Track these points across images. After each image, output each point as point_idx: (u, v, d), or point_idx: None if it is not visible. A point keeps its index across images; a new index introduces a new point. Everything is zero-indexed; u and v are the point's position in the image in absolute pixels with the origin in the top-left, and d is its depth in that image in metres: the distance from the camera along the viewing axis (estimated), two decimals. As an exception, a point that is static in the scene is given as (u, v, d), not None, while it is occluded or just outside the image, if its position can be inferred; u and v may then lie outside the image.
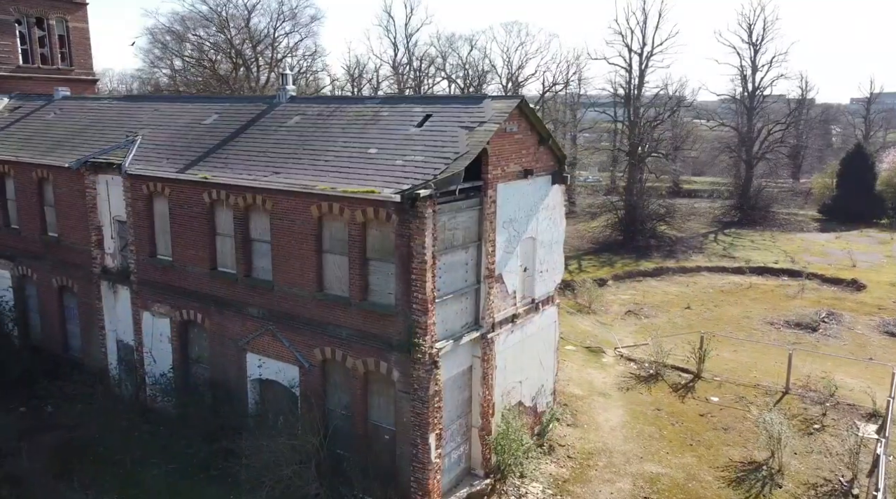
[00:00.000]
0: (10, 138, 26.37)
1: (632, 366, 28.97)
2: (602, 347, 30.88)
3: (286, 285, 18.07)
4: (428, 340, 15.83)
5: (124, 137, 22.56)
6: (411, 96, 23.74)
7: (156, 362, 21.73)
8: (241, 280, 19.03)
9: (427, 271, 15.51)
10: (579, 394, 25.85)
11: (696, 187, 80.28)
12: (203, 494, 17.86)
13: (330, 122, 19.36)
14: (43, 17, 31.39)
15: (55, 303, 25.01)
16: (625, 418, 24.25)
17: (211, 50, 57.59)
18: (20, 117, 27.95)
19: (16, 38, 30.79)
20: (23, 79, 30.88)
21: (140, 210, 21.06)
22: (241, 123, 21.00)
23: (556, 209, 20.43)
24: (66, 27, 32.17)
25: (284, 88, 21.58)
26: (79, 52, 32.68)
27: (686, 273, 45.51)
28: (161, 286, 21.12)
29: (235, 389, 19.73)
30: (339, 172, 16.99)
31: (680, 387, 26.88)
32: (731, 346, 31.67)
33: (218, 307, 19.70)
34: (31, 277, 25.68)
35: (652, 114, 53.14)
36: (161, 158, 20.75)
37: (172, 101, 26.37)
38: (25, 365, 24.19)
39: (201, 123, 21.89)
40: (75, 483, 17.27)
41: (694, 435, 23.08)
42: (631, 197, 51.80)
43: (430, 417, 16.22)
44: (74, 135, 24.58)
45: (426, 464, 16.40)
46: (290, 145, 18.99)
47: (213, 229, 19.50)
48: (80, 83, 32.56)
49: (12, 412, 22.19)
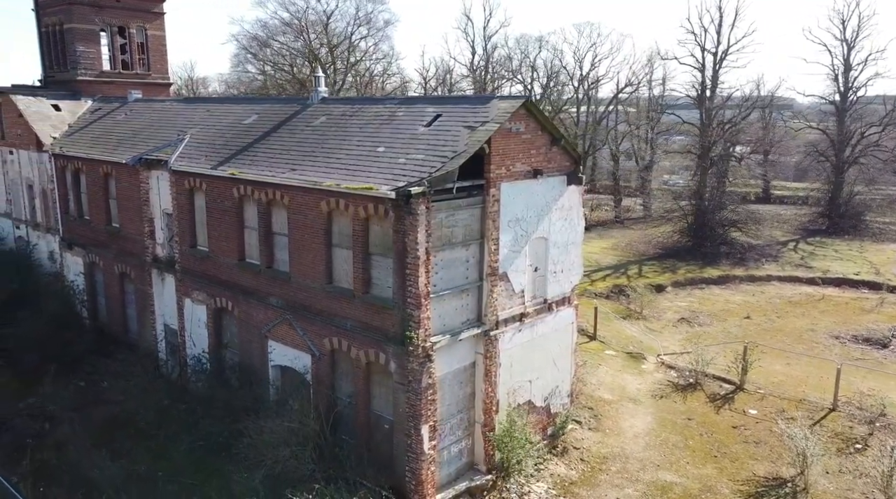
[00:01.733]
0: (87, 137, 28.93)
1: (671, 374, 28.20)
2: (644, 354, 30.19)
3: (301, 277, 19.02)
4: (421, 333, 16.28)
5: (175, 135, 24.32)
6: (428, 97, 24.24)
7: (194, 346, 23.31)
8: (264, 271, 20.17)
9: (420, 267, 15.97)
10: (609, 399, 25.48)
11: (788, 193, 76.27)
12: (220, 470, 19.03)
13: (350, 122, 20.18)
14: (125, 26, 34.14)
15: (117, 288, 27.24)
16: (651, 425, 23.73)
17: (290, 54, 60.28)
18: (98, 118, 30.59)
19: (100, 46, 33.65)
20: (105, 83, 33.70)
21: (183, 204, 22.68)
22: (274, 123, 22.21)
23: (572, 210, 20.36)
24: (145, 35, 34.83)
25: (317, 90, 22.63)
26: (156, 58, 35.29)
27: (754, 282, 43.49)
28: (199, 275, 22.66)
29: (259, 373, 20.91)
30: (348, 170, 17.74)
31: (718, 397, 25.95)
32: (785, 358, 30.18)
33: (245, 296, 20.95)
34: (98, 264, 28.09)
35: (726, 115, 51.04)
36: (202, 156, 22.26)
37: (222, 102, 28.12)
38: (88, 344, 26.49)
39: (241, 123, 23.29)
40: (104, 452, 18.83)
41: (721, 447, 22.31)
42: (702, 202, 49.97)
43: (424, 409, 16.66)
44: (137, 134, 26.70)
45: (419, 454, 16.85)
46: (311, 144, 19.95)
47: (241, 223, 20.76)
48: (155, 86, 35.15)
49: (72, 386, 24.36)
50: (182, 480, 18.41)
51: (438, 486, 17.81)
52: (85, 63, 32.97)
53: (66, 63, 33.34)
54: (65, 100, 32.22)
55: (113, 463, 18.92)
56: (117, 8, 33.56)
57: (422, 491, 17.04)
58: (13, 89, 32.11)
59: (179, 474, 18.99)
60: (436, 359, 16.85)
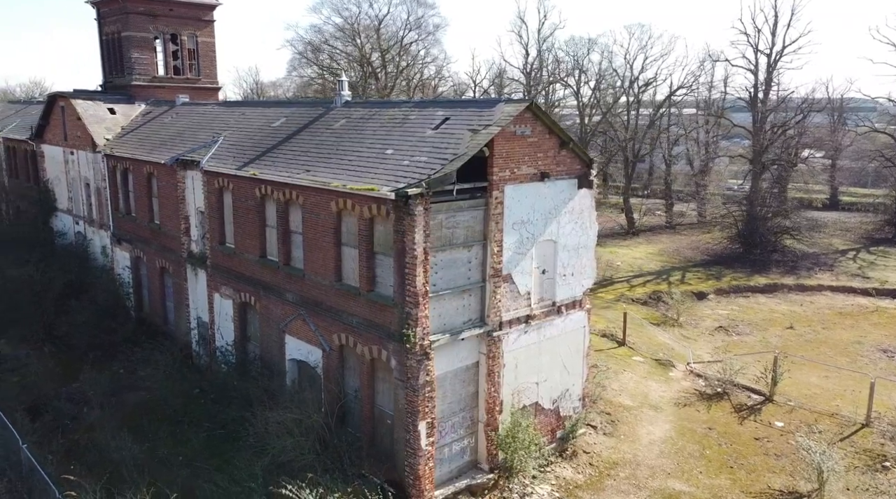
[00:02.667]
0: (136, 138, 30.65)
1: (699, 382, 27.63)
2: (673, 361, 29.66)
3: (313, 274, 19.73)
4: (419, 331, 16.67)
5: (211, 137, 25.53)
6: (439, 100, 24.58)
7: (222, 338, 24.41)
8: (282, 268, 20.99)
9: (418, 266, 16.37)
10: (628, 405, 25.21)
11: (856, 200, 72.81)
12: (233, 457, 19.90)
13: (366, 125, 20.79)
14: (177, 33, 35.93)
15: (158, 282, 28.75)
16: (669, 433, 23.38)
17: (343, 59, 61.78)
18: (148, 121, 32.33)
19: (154, 53, 35.53)
20: (158, 87, 35.53)
21: (213, 202, 23.81)
22: (299, 126, 23.06)
23: (583, 213, 20.34)
24: (196, 42, 36.54)
25: (340, 94, 23.35)
26: (205, 64, 36.97)
27: (804, 291, 41.92)
28: (226, 271, 23.73)
29: (277, 365, 21.75)
30: (357, 171, 18.32)
31: (744, 408, 25.31)
32: (823, 371, 29.11)
33: (265, 292, 21.84)
34: (142, 258, 29.70)
35: (781, 118, 49.32)
36: (231, 157, 23.33)
37: (256, 106, 29.28)
38: (130, 333, 28.06)
39: (270, 125, 24.27)
40: (125, 434, 20.00)
41: (739, 458, 21.80)
42: (753, 207, 48.47)
43: (421, 405, 17.04)
44: (178, 135, 28.13)
45: (417, 450, 17.23)
46: (328, 146, 20.65)
47: (263, 221, 21.66)
48: (204, 91, 36.81)
49: (112, 372, 25.85)
50: (197, 464, 19.37)
51: (439, 482, 18.14)
52: (139, 69, 34.87)
53: (123, 69, 35.34)
54: (120, 103, 34.17)
55: (137, 446, 20.09)
56: (171, 16, 35.36)
57: (419, 486, 17.42)
58: (74, 94, 34.28)
59: (196, 458, 19.99)
60: (435, 357, 17.19)
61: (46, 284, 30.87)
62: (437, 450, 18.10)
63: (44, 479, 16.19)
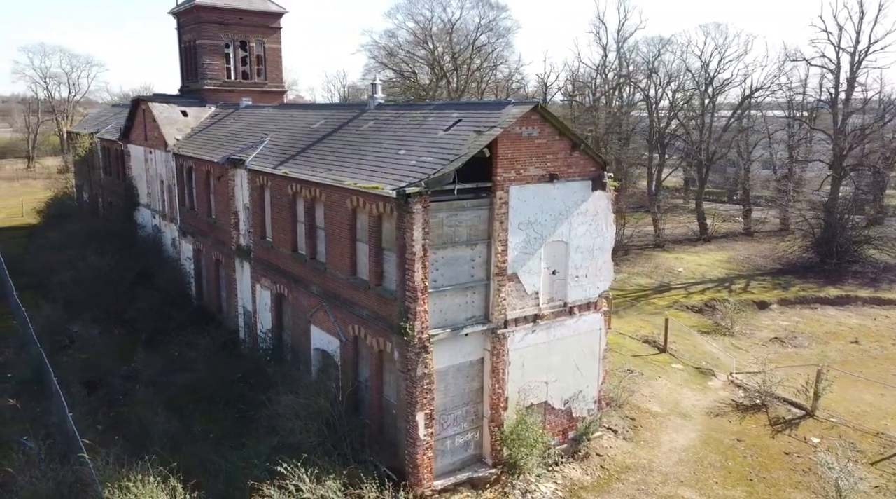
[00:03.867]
0: (201, 139, 32.93)
1: (739, 393, 26.77)
2: (714, 371, 28.83)
3: (333, 268, 20.77)
4: (417, 325, 17.32)
5: (259, 138, 27.17)
6: (456, 102, 24.97)
7: (262, 326, 25.97)
8: (308, 262, 22.19)
9: (417, 262, 17.02)
10: (657, 411, 24.82)
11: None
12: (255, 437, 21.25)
13: (389, 127, 21.64)
14: (246, 40, 38.23)
15: (213, 272, 30.81)
16: (694, 441, 22.89)
17: (416, 62, 63.21)
18: (214, 122, 34.64)
19: (224, 59, 37.94)
20: (227, 91, 37.92)
21: (255, 199, 25.38)
22: (333, 127, 24.24)
23: (598, 215, 20.32)
24: (264, 48, 38.72)
25: (373, 96, 24.35)
26: (272, 69, 39.10)
27: (880, 305, 39.38)
28: (266, 263, 25.24)
29: (304, 353, 22.99)
30: (371, 170, 19.19)
31: (781, 422, 24.37)
32: (879, 389, 27.47)
33: (295, 284, 23.12)
34: (202, 250, 31.90)
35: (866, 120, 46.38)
36: (271, 156, 24.81)
37: (303, 108, 30.78)
38: (188, 319, 30.22)
39: (310, 127, 25.60)
40: (164, 411, 21.74)
41: (762, 471, 21.11)
42: (831, 215, 45.89)
43: (419, 396, 17.68)
44: (235, 136, 30.05)
45: (415, 440, 17.87)
46: (353, 146, 21.66)
47: (294, 217, 22.95)
48: (270, 94, 38.94)
49: (166, 354, 27.98)
50: (223, 441, 20.82)
51: (440, 472, 18.70)
52: (210, 74, 37.36)
53: (197, 74, 37.96)
54: (192, 106, 36.74)
55: (175, 422, 21.82)
56: (240, 25, 37.68)
57: (418, 474, 18.05)
58: (153, 97, 37.19)
59: (225, 436, 21.48)
60: (434, 351, 17.79)
61: (120, 272, 33.75)
62: (439, 442, 18.67)
63: (79, 445, 17.99)
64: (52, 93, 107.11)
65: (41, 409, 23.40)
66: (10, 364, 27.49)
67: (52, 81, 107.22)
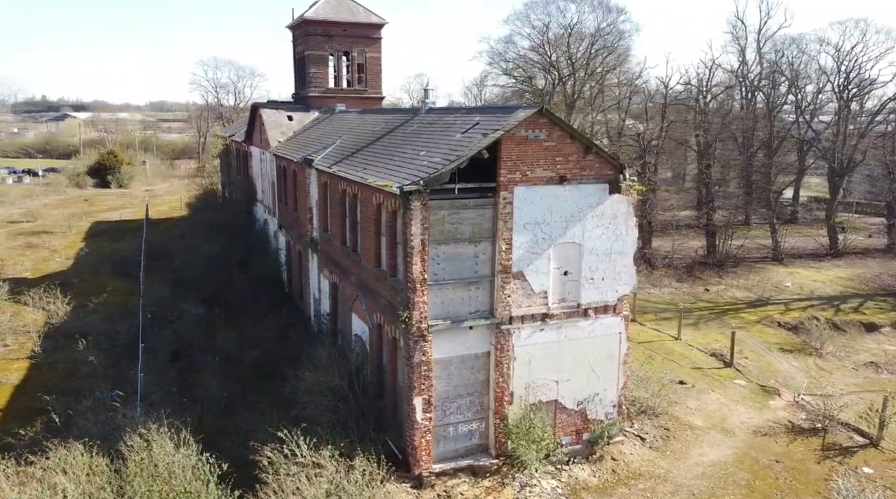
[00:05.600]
0: (297, 141, 36.18)
1: (800, 415, 25.10)
2: (781, 390, 27.15)
3: (365, 260, 22.48)
4: (416, 315, 18.52)
5: (333, 140, 29.61)
6: (482, 107, 25.50)
7: (323, 312, 28.32)
8: (350, 254, 24.09)
9: (416, 256, 18.23)
10: (697, 425, 24.04)
11: None
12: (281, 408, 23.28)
13: (427, 129, 22.98)
14: (348, 50, 41.23)
15: (297, 262, 33.81)
16: (726, 458, 22.03)
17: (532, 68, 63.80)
18: (312, 126, 37.87)
19: (327, 68, 41.19)
20: (329, 97, 41.09)
21: (321, 196, 27.77)
22: (387, 130, 26.00)
23: (617, 219, 20.29)
24: (365, 57, 41.51)
25: (424, 101, 25.78)
26: (371, 76, 41.80)
27: None
28: (326, 255, 27.55)
29: (347, 337, 24.94)
30: (394, 170, 20.65)
31: (835, 448, 22.71)
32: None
33: (343, 274, 25.13)
34: (290, 242, 35.09)
35: None
36: (334, 156, 27.05)
37: (376, 113, 32.79)
38: (273, 303, 33.43)
39: (371, 130, 27.57)
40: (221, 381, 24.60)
41: (790, 495, 20.02)
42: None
43: (417, 381, 18.85)
44: (320, 138, 32.81)
45: (413, 422, 19.06)
46: (392, 148, 23.25)
47: (344, 212, 24.96)
48: (369, 100, 41.63)
49: (246, 333, 31.15)
50: (266, 410, 23.20)
51: (441, 457, 19.71)
52: (315, 82, 40.75)
53: (304, 82, 41.54)
54: (297, 111, 40.30)
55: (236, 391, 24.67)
56: (343, 36, 40.73)
57: (416, 455, 19.21)
58: (265, 104, 41.25)
59: (270, 405, 23.87)
60: (435, 340, 18.87)
61: (225, 259, 37.92)
62: (442, 427, 19.70)
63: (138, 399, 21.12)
64: (220, 100, 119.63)
65: (133, 370, 27.30)
66: (124, 333, 32.05)
67: (222, 90, 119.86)
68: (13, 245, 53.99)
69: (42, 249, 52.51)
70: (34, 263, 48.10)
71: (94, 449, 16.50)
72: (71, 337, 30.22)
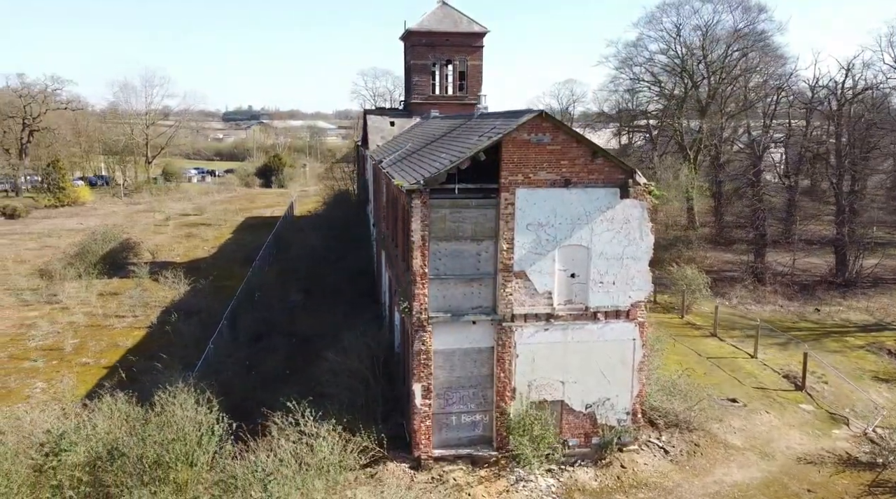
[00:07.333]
0: (390, 144, 38.66)
1: (864, 449, 22.86)
2: (851, 420, 24.75)
3: (397, 254, 24.06)
4: (416, 306, 19.76)
5: (407, 142, 31.57)
6: (505, 112, 25.35)
7: (385, 302, 30.31)
8: (393, 249, 25.79)
9: (416, 250, 19.50)
10: (734, 444, 22.84)
11: None
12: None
13: (464, 134, 24.08)
14: (451, 59, 43.10)
15: (379, 256, 36.15)
16: (752, 480, 20.86)
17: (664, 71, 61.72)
18: (410, 130, 40.19)
19: (430, 76, 43.34)
20: (431, 104, 43.22)
21: (382, 192, 29.79)
22: (442, 134, 27.40)
23: (629, 223, 20.06)
24: (466, 65, 43.14)
25: (477, 107, 26.86)
26: (472, 83, 43.30)
27: None
28: (386, 249, 29.49)
29: (393, 329, 26.66)
30: (417, 170, 22.04)
31: (889, 485, 20.59)
32: None
33: (391, 268, 26.90)
34: (378, 239, 37.53)
35: None
36: (398, 157, 28.93)
37: (448, 118, 34.09)
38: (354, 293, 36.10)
39: (433, 134, 29.12)
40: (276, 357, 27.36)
41: (804, 527, 18.59)
42: None
43: (416, 369, 20.07)
44: (405, 141, 34.94)
45: (412, 407, 20.31)
46: (432, 149, 24.64)
47: (388, 209, 26.73)
48: (467, 106, 42.98)
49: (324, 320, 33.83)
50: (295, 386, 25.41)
51: (442, 443, 20.70)
52: (418, 89, 43.10)
53: (410, 90, 44.05)
54: (400, 117, 42.92)
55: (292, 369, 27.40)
56: (446, 45, 42.70)
57: (415, 439, 20.40)
58: (373, 111, 44.38)
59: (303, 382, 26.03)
60: (435, 332, 19.97)
61: (327, 252, 41.38)
62: (444, 415, 20.72)
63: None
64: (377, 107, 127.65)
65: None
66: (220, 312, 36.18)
67: (379, 98, 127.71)
68: (175, 235, 62.36)
69: (196, 238, 60.12)
70: (186, 249, 55.34)
71: (134, 400, 19.58)
72: (184, 312, 34.87)
